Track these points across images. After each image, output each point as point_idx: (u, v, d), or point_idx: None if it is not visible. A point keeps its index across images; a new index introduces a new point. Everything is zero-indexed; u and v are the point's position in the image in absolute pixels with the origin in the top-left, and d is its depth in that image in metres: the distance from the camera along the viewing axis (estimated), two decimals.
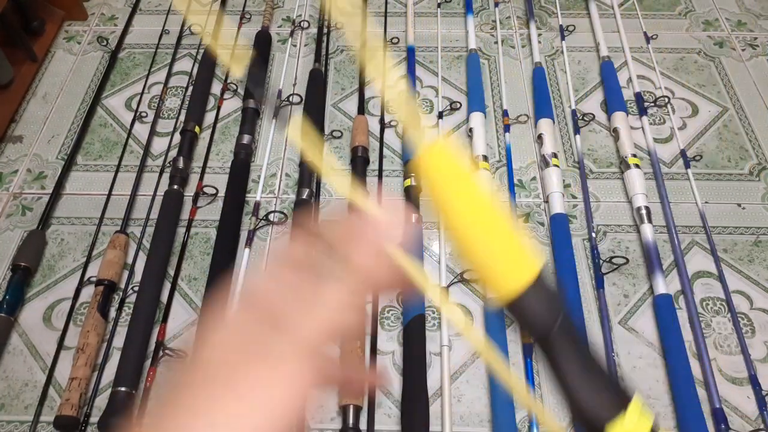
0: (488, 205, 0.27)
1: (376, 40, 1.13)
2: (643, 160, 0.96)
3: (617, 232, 0.89)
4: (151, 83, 1.08)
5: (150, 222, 0.88)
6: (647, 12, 1.20)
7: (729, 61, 1.11)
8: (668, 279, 0.82)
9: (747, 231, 0.89)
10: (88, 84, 1.09)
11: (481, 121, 0.98)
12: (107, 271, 0.80)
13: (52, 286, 0.84)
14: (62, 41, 1.16)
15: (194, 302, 0.82)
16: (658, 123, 1.02)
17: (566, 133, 1.01)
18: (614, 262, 0.83)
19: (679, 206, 0.91)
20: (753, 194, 0.93)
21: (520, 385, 0.26)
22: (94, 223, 0.89)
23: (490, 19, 1.19)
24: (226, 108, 1.04)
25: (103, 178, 0.95)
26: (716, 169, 0.96)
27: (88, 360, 0.73)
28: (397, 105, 0.32)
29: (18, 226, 0.90)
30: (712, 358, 0.76)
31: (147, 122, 1.02)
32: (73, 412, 0.69)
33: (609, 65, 1.07)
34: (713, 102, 1.05)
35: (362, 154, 0.94)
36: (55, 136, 1.01)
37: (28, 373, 0.76)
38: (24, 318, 0.81)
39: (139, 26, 1.19)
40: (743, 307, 0.81)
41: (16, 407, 0.74)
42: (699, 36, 1.16)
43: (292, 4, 1.22)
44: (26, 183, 0.95)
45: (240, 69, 1.08)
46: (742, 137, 1.00)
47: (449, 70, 1.10)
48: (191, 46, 1.14)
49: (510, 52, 1.13)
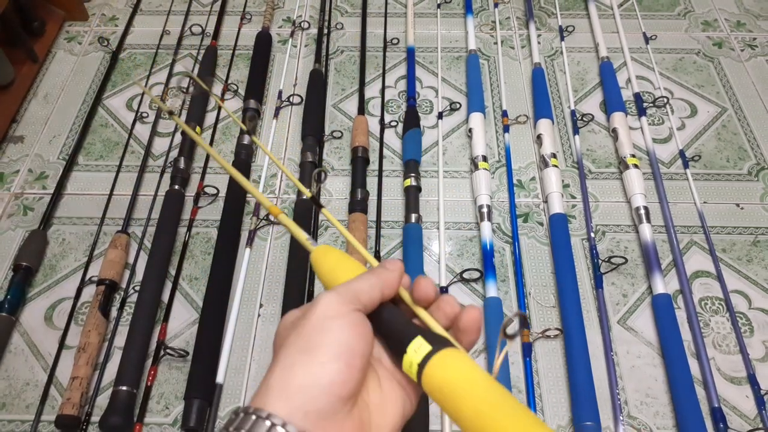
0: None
1: (376, 40, 1.14)
2: (642, 161, 0.96)
3: (616, 232, 0.89)
4: (151, 84, 1.08)
5: (151, 222, 0.89)
6: (646, 12, 1.20)
7: (728, 62, 1.11)
8: (667, 279, 0.83)
9: (745, 231, 0.89)
10: (89, 84, 1.09)
11: (481, 121, 0.99)
12: (108, 271, 0.81)
13: (54, 285, 0.84)
14: (63, 42, 1.17)
15: (195, 302, 0.82)
16: (657, 123, 1.02)
17: (565, 133, 1.01)
18: (613, 262, 0.84)
19: (677, 206, 0.91)
20: (752, 194, 0.93)
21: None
22: (95, 223, 0.90)
23: (489, 20, 1.20)
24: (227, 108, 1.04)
25: (104, 178, 0.96)
26: (715, 169, 0.96)
27: (90, 359, 0.74)
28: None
29: (19, 226, 0.90)
30: (710, 357, 0.76)
31: (148, 122, 1.02)
32: (74, 412, 0.69)
33: (608, 66, 1.08)
34: (712, 102, 1.05)
35: (362, 155, 0.94)
36: (56, 137, 1.02)
37: (30, 372, 0.77)
38: (25, 317, 0.81)
39: (139, 27, 1.19)
40: (742, 306, 0.82)
41: (18, 406, 0.74)
42: (698, 36, 1.16)
43: (292, 5, 1.23)
44: (27, 183, 0.96)
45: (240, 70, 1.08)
46: (741, 137, 1.00)
47: (449, 70, 1.11)
48: (192, 47, 1.14)
49: (509, 53, 1.13)
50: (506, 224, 0.89)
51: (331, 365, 0.25)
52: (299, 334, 0.26)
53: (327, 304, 0.26)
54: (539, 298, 0.82)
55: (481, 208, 0.88)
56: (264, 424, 0.23)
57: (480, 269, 0.84)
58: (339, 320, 0.26)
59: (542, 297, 0.82)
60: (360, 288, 0.28)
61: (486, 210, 0.88)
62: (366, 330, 0.26)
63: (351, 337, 0.26)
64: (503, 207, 0.91)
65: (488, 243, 0.84)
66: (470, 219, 0.91)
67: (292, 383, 0.24)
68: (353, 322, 0.26)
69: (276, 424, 0.23)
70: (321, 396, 0.24)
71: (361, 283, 0.28)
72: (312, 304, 0.27)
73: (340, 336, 0.25)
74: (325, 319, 0.26)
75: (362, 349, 0.26)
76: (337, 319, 0.26)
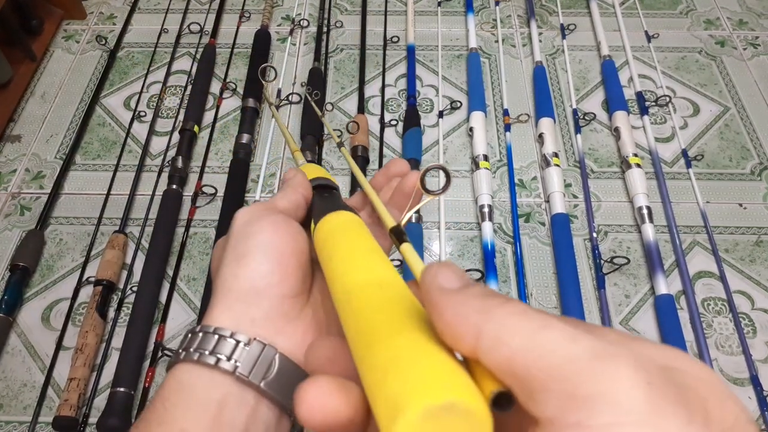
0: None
1: (376, 38, 1.13)
2: (644, 160, 0.95)
3: (618, 232, 0.88)
4: (150, 82, 1.08)
5: (149, 222, 0.88)
6: (648, 11, 1.19)
7: (730, 61, 1.10)
8: (669, 279, 0.82)
9: (748, 231, 0.88)
10: (87, 83, 1.08)
11: (482, 120, 0.98)
12: (106, 271, 0.80)
13: (51, 286, 0.84)
14: (61, 40, 1.16)
15: (193, 302, 0.81)
16: (659, 122, 1.01)
17: (567, 132, 1.01)
18: (615, 262, 0.83)
19: (680, 206, 0.90)
20: (754, 194, 0.92)
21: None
22: (92, 222, 0.89)
23: (490, 18, 1.19)
24: (225, 107, 1.04)
25: (101, 177, 0.95)
26: (717, 168, 0.96)
27: (87, 360, 0.73)
28: None
29: (16, 225, 0.90)
30: (713, 358, 0.76)
31: (146, 121, 1.02)
32: (71, 413, 0.69)
33: (610, 64, 1.07)
34: (714, 101, 1.04)
35: (362, 154, 0.94)
36: (54, 136, 1.01)
37: (27, 373, 0.76)
38: (22, 318, 0.80)
39: (137, 25, 1.18)
40: (744, 307, 0.81)
41: (15, 408, 0.73)
42: (700, 35, 1.15)
43: (291, 3, 1.22)
44: (25, 183, 0.95)
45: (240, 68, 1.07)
46: (744, 137, 0.99)
47: (449, 69, 1.10)
48: (190, 45, 1.14)
49: (510, 51, 1.13)
50: (507, 224, 0.89)
51: (261, 267, 0.25)
52: (227, 249, 0.26)
53: (243, 214, 0.27)
54: (541, 299, 0.82)
55: (482, 207, 0.88)
56: (212, 339, 0.23)
57: (481, 270, 0.83)
58: (258, 224, 0.26)
59: (544, 298, 0.82)
60: (274, 198, 0.29)
61: (487, 210, 0.87)
62: (292, 228, 0.27)
63: (275, 236, 0.26)
64: (504, 207, 0.91)
65: (489, 243, 0.84)
66: (471, 219, 0.90)
67: (231, 295, 0.24)
68: (274, 222, 0.26)
69: (224, 336, 0.23)
70: (261, 300, 0.24)
71: (275, 196, 0.29)
72: (232, 221, 0.27)
73: (262, 238, 0.25)
74: (245, 226, 0.26)
75: (291, 246, 0.26)
76: (256, 223, 0.26)
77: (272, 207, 0.27)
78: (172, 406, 0.22)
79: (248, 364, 0.23)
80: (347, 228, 0.25)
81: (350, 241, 0.24)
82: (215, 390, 0.23)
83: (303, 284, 0.26)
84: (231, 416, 0.22)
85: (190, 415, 0.22)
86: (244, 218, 0.27)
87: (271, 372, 0.23)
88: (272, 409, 0.24)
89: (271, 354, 0.24)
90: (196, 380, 0.23)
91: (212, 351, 0.23)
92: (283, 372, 0.24)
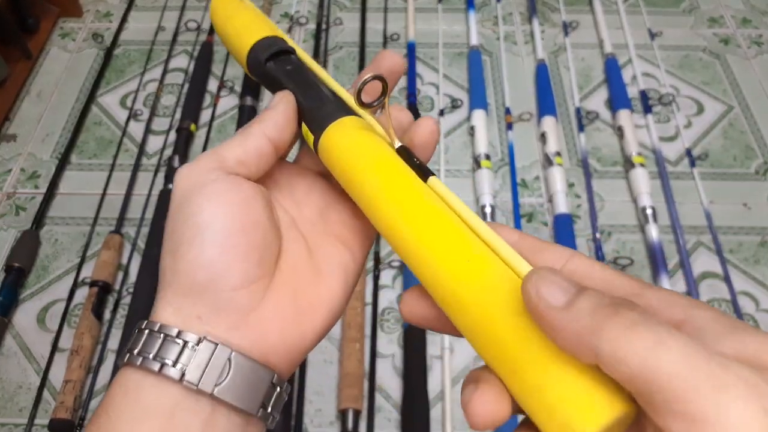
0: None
1: (376, 36, 1.12)
2: (648, 159, 0.94)
3: (622, 232, 0.87)
4: (146, 81, 1.06)
5: (145, 222, 0.87)
6: (651, 8, 1.18)
7: (734, 59, 1.09)
8: (674, 280, 0.81)
9: (753, 231, 0.87)
10: (83, 82, 1.07)
11: (483, 119, 0.97)
12: (101, 272, 0.79)
13: (46, 287, 0.82)
14: (57, 38, 1.15)
15: None
16: (663, 121, 1.00)
17: (570, 131, 0.99)
18: (619, 263, 0.82)
19: (684, 206, 0.89)
20: (759, 194, 0.91)
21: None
22: (88, 223, 0.88)
23: (492, 15, 1.18)
24: (223, 106, 1.03)
25: (97, 177, 0.94)
26: (722, 168, 0.95)
27: (83, 362, 0.72)
28: None
29: (11, 226, 0.88)
30: None
31: (142, 120, 1.00)
32: (67, 415, 0.68)
33: (613, 62, 1.06)
34: (719, 100, 1.03)
35: None
36: (49, 135, 1.00)
37: (22, 375, 0.75)
38: (18, 319, 0.79)
39: (134, 23, 1.17)
40: (749, 308, 0.80)
41: (10, 410, 0.73)
42: (704, 33, 1.14)
43: (290, 0, 1.21)
44: (20, 182, 0.94)
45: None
46: (748, 136, 0.98)
47: (450, 66, 1.09)
48: (187, 43, 1.12)
49: (512, 49, 1.12)
50: (510, 224, 0.88)
51: (201, 258, 0.21)
52: (165, 234, 0.22)
53: (182, 180, 0.22)
54: None
55: (484, 207, 0.87)
56: (157, 339, 0.20)
57: None
58: (197, 199, 0.22)
59: None
60: (227, 145, 0.23)
61: (489, 209, 0.86)
62: (243, 194, 0.22)
63: (218, 212, 0.21)
64: (506, 207, 0.90)
65: None
66: None
67: (171, 290, 0.21)
68: (217, 193, 0.22)
69: (170, 336, 0.20)
70: (206, 295, 0.21)
71: (231, 140, 0.23)
72: (172, 190, 0.23)
73: (203, 218, 0.21)
74: (183, 202, 0.22)
75: (241, 222, 0.21)
76: (195, 199, 0.22)
77: (221, 163, 0.22)
78: (116, 416, 0.20)
79: (197, 370, 0.20)
80: (375, 155, 0.22)
81: (395, 182, 0.22)
82: (164, 397, 0.20)
83: (261, 265, 0.22)
84: (184, 425, 0.20)
85: (137, 426, 0.20)
86: (182, 189, 0.22)
87: (224, 376, 0.20)
88: (233, 414, 0.21)
89: (225, 355, 0.20)
90: (142, 386, 0.20)
91: (156, 355, 0.20)
92: (240, 374, 0.20)
